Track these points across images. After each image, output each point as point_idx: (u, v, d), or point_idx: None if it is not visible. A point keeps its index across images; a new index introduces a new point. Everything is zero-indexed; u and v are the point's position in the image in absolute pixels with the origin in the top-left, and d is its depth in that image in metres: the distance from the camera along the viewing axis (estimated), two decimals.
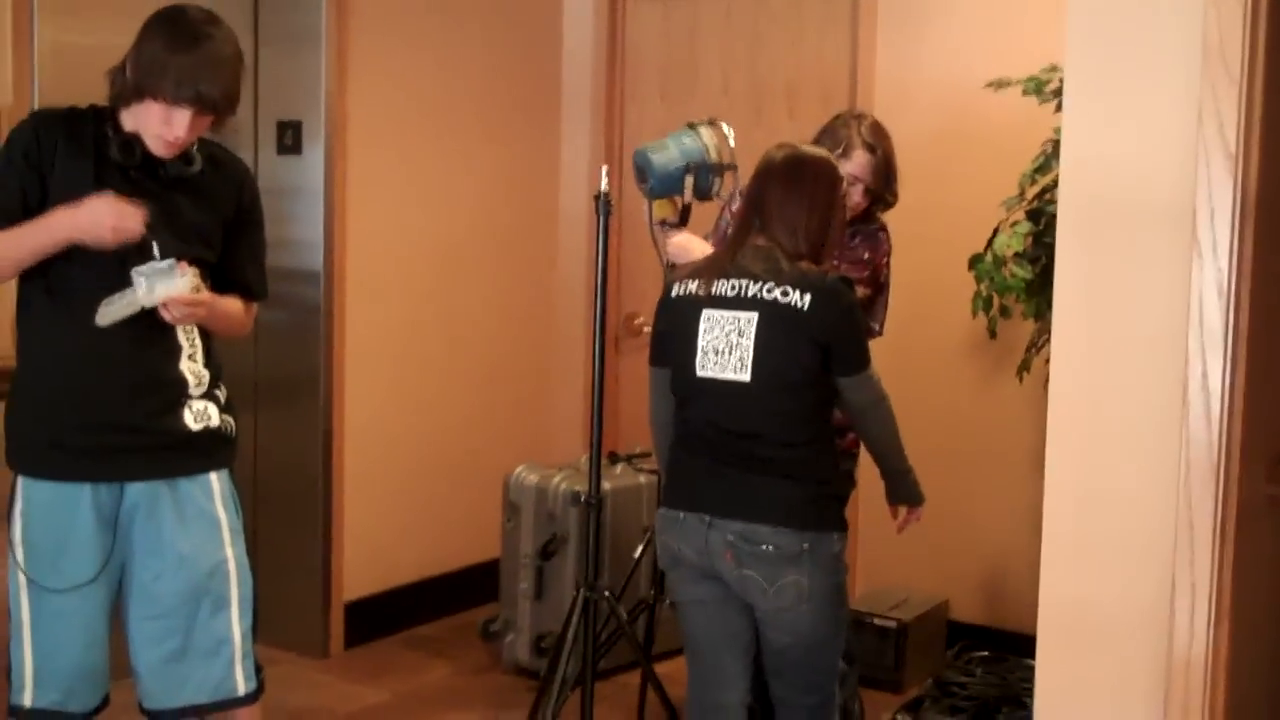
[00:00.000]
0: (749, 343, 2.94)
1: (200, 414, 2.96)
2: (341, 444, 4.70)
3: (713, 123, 3.69)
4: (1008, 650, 4.38)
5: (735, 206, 3.84)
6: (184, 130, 2.80)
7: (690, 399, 3.07)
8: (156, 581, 2.94)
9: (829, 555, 2.97)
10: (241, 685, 3.01)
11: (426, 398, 5.00)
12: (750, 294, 2.96)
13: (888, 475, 3.17)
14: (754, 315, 2.94)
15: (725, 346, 2.97)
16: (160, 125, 2.80)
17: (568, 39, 5.40)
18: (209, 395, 2.99)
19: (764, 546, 2.92)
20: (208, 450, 2.98)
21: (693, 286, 3.05)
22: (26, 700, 2.93)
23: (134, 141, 2.83)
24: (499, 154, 5.20)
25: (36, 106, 3.84)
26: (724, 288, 3.00)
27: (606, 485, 4.14)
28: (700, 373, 3.01)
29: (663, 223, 3.68)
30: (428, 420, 5.01)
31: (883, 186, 3.63)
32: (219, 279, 2.99)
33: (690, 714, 3.19)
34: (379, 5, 4.69)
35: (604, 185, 3.64)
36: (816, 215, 3.02)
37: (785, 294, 2.93)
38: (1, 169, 2.85)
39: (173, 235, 2.87)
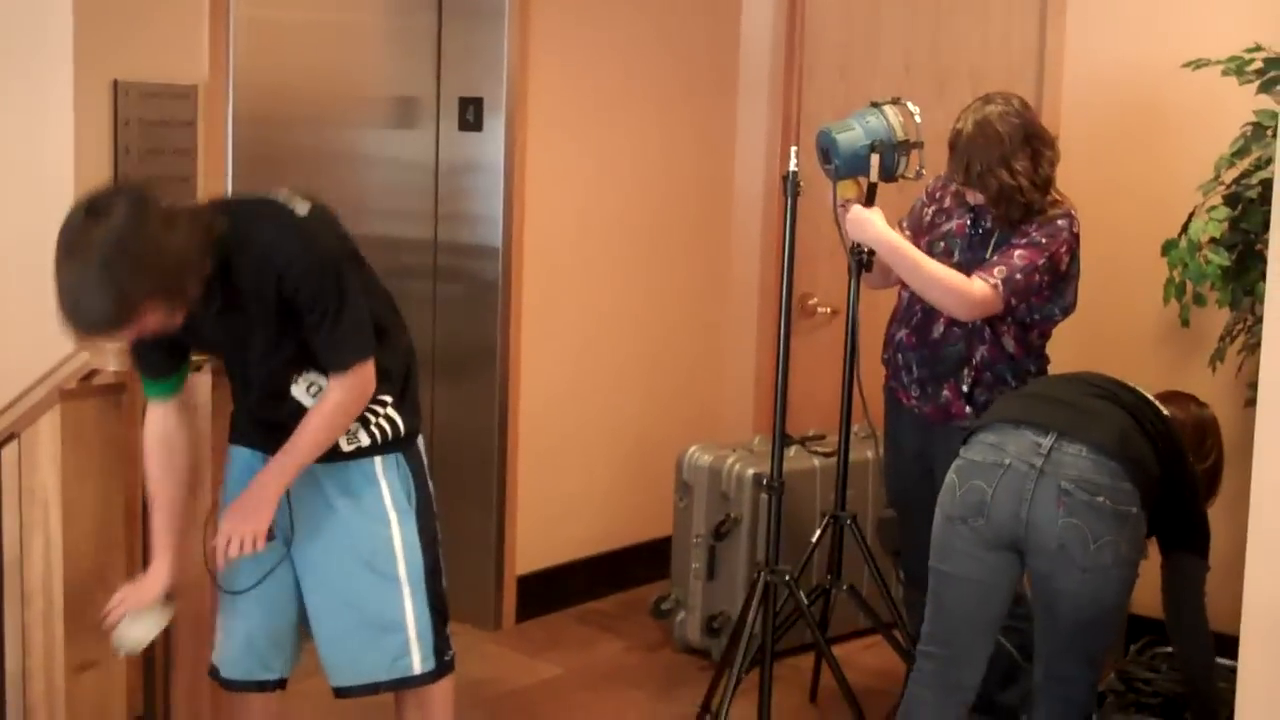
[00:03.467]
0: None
1: (350, 436, 2.95)
2: (516, 418, 4.74)
3: (897, 101, 3.64)
4: None
5: (930, 187, 3.79)
6: (126, 343, 2.80)
7: None
8: (321, 557, 3.00)
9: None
10: (418, 664, 3.04)
11: (600, 374, 5.02)
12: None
13: (1195, 694, 3.31)
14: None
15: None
16: None
17: (746, 16, 5.35)
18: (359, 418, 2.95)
19: (1099, 499, 2.93)
20: (364, 452, 2.99)
21: None
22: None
23: None
24: (675, 130, 5.18)
25: (232, 82, 3.93)
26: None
27: None
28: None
29: (846, 203, 3.64)
30: (601, 396, 5.03)
31: (1007, 203, 3.54)
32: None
33: (923, 689, 3.18)
34: None
35: (793, 165, 3.60)
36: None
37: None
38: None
39: (252, 352, 2.88)
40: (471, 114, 4.67)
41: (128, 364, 3.10)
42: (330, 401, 2.85)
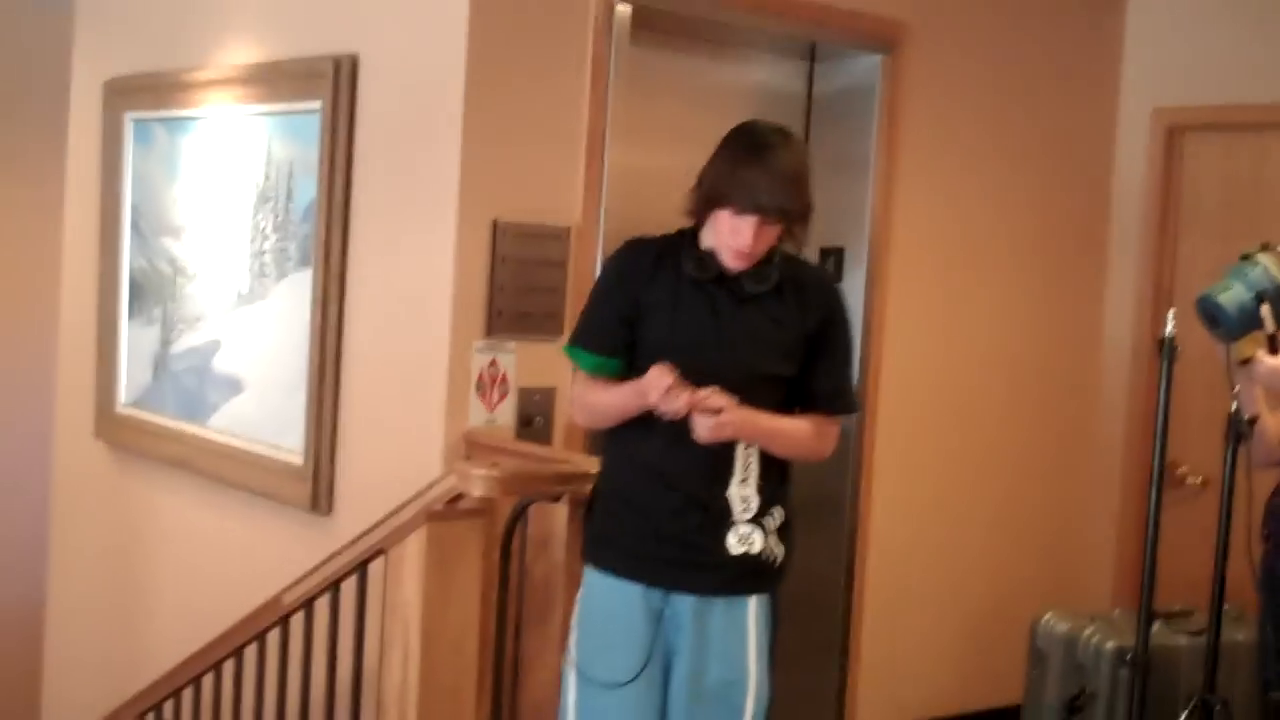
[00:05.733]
0: None
1: (744, 538, 2.96)
2: (864, 572, 4.66)
3: (1268, 247, 3.49)
4: None
5: None
6: (749, 239, 2.87)
7: None
8: (687, 688, 2.98)
9: None
10: None
11: (952, 531, 4.89)
12: None
13: None
14: None
15: None
16: (729, 235, 2.90)
17: (1118, 171, 5.22)
18: (756, 521, 2.98)
19: None
20: (746, 575, 2.99)
21: None
22: None
23: (708, 258, 2.95)
24: (1040, 288, 5.07)
25: (602, 226, 4.06)
26: None
27: None
28: None
29: (1246, 361, 3.47)
30: (952, 554, 4.90)
31: None
32: (796, 393, 3.02)
33: None
34: (929, 135, 4.70)
35: (1169, 329, 3.48)
36: None
37: None
38: (598, 296, 3.09)
39: (747, 349, 2.95)
40: (833, 264, 4.68)
41: (494, 490, 3.20)
42: (808, 430, 3.01)
